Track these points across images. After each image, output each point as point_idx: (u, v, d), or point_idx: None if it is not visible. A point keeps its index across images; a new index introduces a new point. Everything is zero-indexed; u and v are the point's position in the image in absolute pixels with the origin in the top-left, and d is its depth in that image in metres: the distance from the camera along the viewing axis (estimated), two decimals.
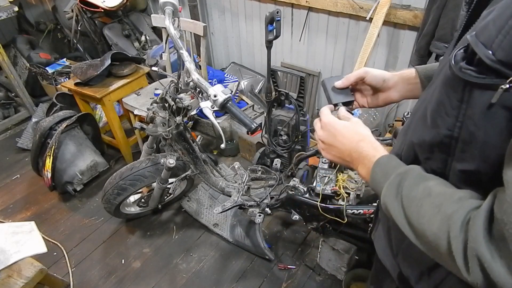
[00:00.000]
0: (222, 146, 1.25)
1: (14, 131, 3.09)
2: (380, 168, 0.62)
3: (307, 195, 1.53)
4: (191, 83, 1.31)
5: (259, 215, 1.72)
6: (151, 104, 1.62)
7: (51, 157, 2.21)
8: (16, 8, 2.76)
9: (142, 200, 2.09)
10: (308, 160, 1.90)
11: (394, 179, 0.58)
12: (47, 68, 3.05)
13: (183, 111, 1.54)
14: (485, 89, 0.44)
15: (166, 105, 1.55)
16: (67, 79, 2.94)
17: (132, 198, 2.16)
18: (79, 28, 3.07)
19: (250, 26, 2.86)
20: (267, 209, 1.72)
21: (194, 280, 1.89)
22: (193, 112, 2.19)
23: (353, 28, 2.25)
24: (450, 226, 0.46)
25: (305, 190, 1.54)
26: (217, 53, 3.36)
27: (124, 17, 3.21)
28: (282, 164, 1.86)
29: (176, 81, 1.49)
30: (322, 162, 1.48)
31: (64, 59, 3.23)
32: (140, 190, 1.97)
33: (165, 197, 2.16)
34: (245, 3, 2.74)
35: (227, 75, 3.00)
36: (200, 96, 1.32)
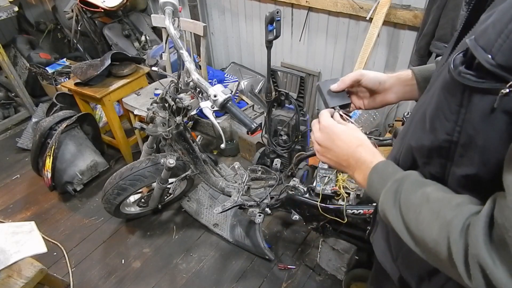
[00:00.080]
0: (222, 146, 1.25)
1: (14, 131, 3.09)
2: (377, 174, 0.62)
3: (307, 195, 1.53)
4: (191, 83, 1.31)
5: (259, 215, 1.72)
6: (151, 104, 1.62)
7: (51, 157, 2.21)
8: (16, 8, 2.76)
9: (142, 200, 2.09)
10: (308, 160, 1.90)
11: (391, 186, 0.58)
12: (47, 68, 3.05)
13: (183, 111, 1.54)
14: (484, 94, 0.43)
15: (166, 105, 1.55)
16: (67, 79, 2.94)
17: (132, 198, 2.16)
18: (79, 28, 3.08)
19: (250, 26, 2.86)
20: (267, 209, 1.72)
21: (194, 280, 1.89)
22: (193, 112, 2.19)
23: (353, 28, 2.25)
24: (450, 232, 0.46)
25: (305, 190, 1.54)
26: (217, 53, 3.36)
27: (124, 17, 3.21)
28: (282, 164, 1.86)
29: (176, 81, 1.49)
30: (322, 162, 1.48)
31: (64, 59, 3.23)
32: (140, 190, 1.97)
33: (165, 197, 2.16)
34: (245, 3, 2.74)
35: (227, 75, 3.00)
36: (200, 96, 1.32)
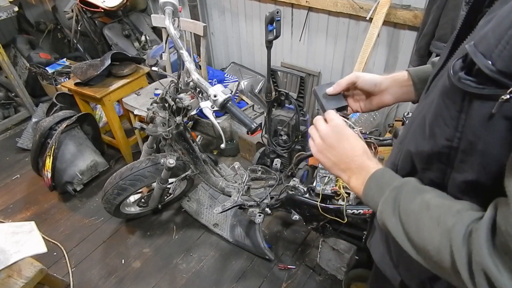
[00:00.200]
0: (222, 146, 1.25)
1: (14, 131, 3.09)
2: (375, 182, 0.62)
3: (307, 195, 1.53)
4: (191, 83, 1.31)
5: (259, 215, 1.72)
6: (151, 104, 1.62)
7: (51, 157, 2.21)
8: (16, 8, 2.76)
9: (142, 200, 2.09)
10: (308, 160, 1.90)
11: (389, 194, 0.57)
12: (47, 68, 3.05)
13: (183, 111, 1.54)
14: (485, 100, 0.43)
15: (166, 105, 1.55)
16: (67, 79, 2.95)
17: (132, 198, 2.16)
18: (79, 28, 3.08)
19: (250, 26, 2.86)
20: (267, 209, 1.72)
21: (194, 280, 1.89)
22: (193, 112, 2.19)
23: (353, 28, 2.25)
24: (452, 240, 0.46)
25: (305, 190, 1.54)
26: (217, 53, 3.36)
27: (124, 17, 3.21)
28: (282, 164, 1.86)
29: (176, 81, 1.49)
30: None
31: (64, 59, 3.23)
32: (140, 190, 1.96)
33: (165, 197, 2.16)
34: (245, 3, 2.74)
35: (227, 75, 3.00)
36: (200, 96, 1.32)
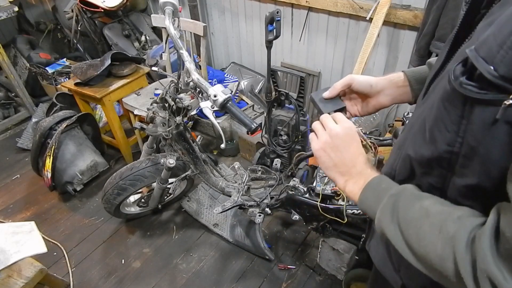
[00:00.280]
0: (222, 146, 1.25)
1: (14, 131, 3.09)
2: (371, 190, 0.61)
3: (307, 195, 1.53)
4: (191, 83, 1.31)
5: (259, 215, 1.72)
6: (151, 104, 1.62)
7: (51, 157, 2.21)
8: (16, 8, 2.76)
9: (142, 200, 2.09)
10: (308, 160, 1.90)
11: (387, 201, 0.57)
12: (47, 68, 3.05)
13: (183, 111, 1.53)
14: (487, 105, 0.43)
15: (166, 105, 1.55)
16: (67, 79, 2.94)
17: (132, 198, 2.16)
18: (79, 28, 3.07)
19: (250, 26, 2.86)
20: (267, 209, 1.72)
21: (194, 280, 1.89)
22: (193, 112, 2.19)
23: (353, 28, 2.25)
24: (455, 247, 0.45)
25: (305, 190, 1.54)
26: (217, 53, 3.36)
27: (124, 17, 3.21)
28: (282, 164, 1.86)
29: (176, 81, 1.49)
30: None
31: (64, 59, 3.23)
32: (140, 190, 1.96)
33: (165, 197, 2.16)
34: (245, 3, 2.74)
35: (227, 75, 3.00)
36: (200, 96, 1.32)
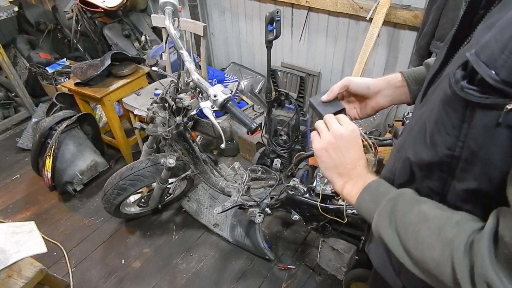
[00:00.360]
0: (222, 146, 1.25)
1: (14, 131, 3.09)
2: (369, 194, 0.61)
3: (307, 195, 1.53)
4: (191, 83, 1.31)
5: (259, 215, 1.72)
6: (151, 104, 1.62)
7: (51, 157, 2.21)
8: (16, 8, 2.76)
9: (142, 200, 2.09)
10: (308, 160, 1.90)
11: (385, 206, 0.57)
12: (47, 68, 3.05)
13: (183, 111, 1.53)
14: (488, 109, 0.42)
15: (166, 105, 1.55)
16: (67, 79, 2.94)
17: (132, 198, 2.16)
18: (79, 28, 3.08)
19: (250, 26, 2.86)
20: (267, 209, 1.72)
21: (194, 280, 1.89)
22: (193, 112, 2.18)
23: (353, 28, 2.25)
24: (453, 251, 0.45)
25: (305, 190, 1.54)
26: (217, 53, 3.36)
27: (124, 17, 3.21)
28: (282, 164, 1.86)
29: (176, 81, 1.49)
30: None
31: (64, 59, 3.23)
32: (140, 190, 1.96)
33: (165, 197, 2.16)
34: (245, 3, 2.74)
35: (227, 75, 3.00)
36: (200, 96, 1.32)
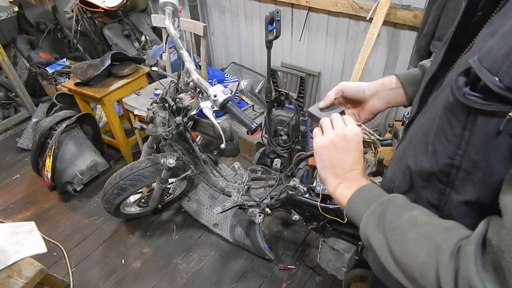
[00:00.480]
0: (222, 146, 1.25)
1: (14, 131, 3.09)
2: (361, 197, 0.61)
3: (307, 195, 1.53)
4: (191, 83, 1.31)
5: (259, 215, 1.72)
6: (151, 104, 1.62)
7: (51, 157, 2.21)
8: (16, 8, 2.76)
9: (142, 200, 2.09)
10: (308, 160, 1.90)
11: (375, 208, 0.57)
12: (47, 68, 3.05)
13: (183, 111, 1.53)
14: (490, 116, 0.42)
15: (166, 105, 1.55)
16: (67, 79, 2.94)
17: (132, 198, 2.16)
18: (79, 28, 3.08)
19: (250, 26, 2.86)
20: (267, 209, 1.72)
21: (194, 280, 1.89)
22: (193, 112, 2.19)
23: (353, 28, 2.25)
24: (439, 255, 0.45)
25: (305, 190, 1.54)
26: (217, 53, 3.36)
27: (124, 17, 3.21)
28: (282, 164, 1.86)
29: (176, 81, 1.49)
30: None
31: (64, 59, 3.23)
32: (140, 190, 1.96)
33: (165, 197, 2.16)
34: (245, 3, 2.74)
35: (227, 75, 3.00)
36: (200, 96, 1.32)
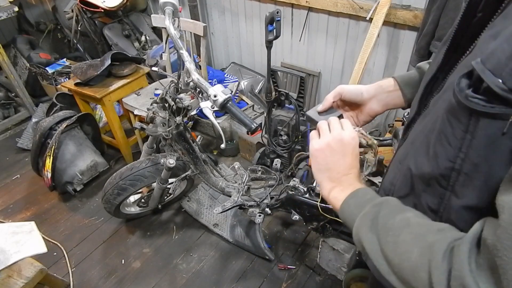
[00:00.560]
0: (222, 146, 1.25)
1: (14, 131, 3.09)
2: (355, 199, 0.61)
3: (307, 195, 1.53)
4: (191, 83, 1.31)
5: (259, 215, 1.72)
6: (151, 104, 1.62)
7: (51, 157, 2.21)
8: (16, 8, 2.76)
9: (142, 200, 2.09)
10: (308, 160, 1.90)
11: (369, 211, 0.57)
12: (47, 68, 3.05)
13: (183, 111, 1.54)
14: (493, 119, 0.42)
15: (166, 105, 1.55)
16: (67, 79, 2.94)
17: (132, 198, 2.16)
18: (79, 28, 3.08)
19: (250, 26, 2.86)
20: (267, 209, 1.72)
21: (194, 280, 1.89)
22: (193, 112, 2.18)
23: (353, 28, 2.25)
24: (432, 255, 0.45)
25: (305, 190, 1.54)
26: (217, 53, 3.36)
27: (124, 17, 3.21)
28: (282, 164, 1.86)
29: (176, 81, 1.49)
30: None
31: (64, 59, 3.23)
32: (140, 190, 1.96)
33: (165, 197, 2.16)
34: (245, 3, 2.74)
35: (227, 75, 3.00)
36: (200, 96, 1.32)
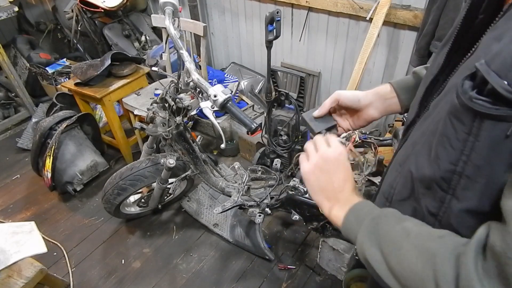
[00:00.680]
0: (222, 146, 1.25)
1: (14, 131, 3.09)
2: (354, 214, 0.61)
3: (307, 195, 1.53)
4: (191, 83, 1.31)
5: (259, 215, 1.72)
6: (151, 104, 1.62)
7: (51, 157, 2.21)
8: (16, 8, 2.76)
9: (142, 200, 2.09)
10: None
11: (368, 225, 0.57)
12: (47, 68, 3.05)
13: (183, 111, 1.54)
14: (497, 121, 0.41)
15: (166, 105, 1.55)
16: (67, 79, 2.94)
17: (132, 198, 2.16)
18: (79, 28, 3.08)
19: (250, 26, 2.86)
20: (267, 209, 1.72)
21: (194, 280, 1.89)
22: (193, 112, 2.19)
23: (353, 28, 2.25)
24: (436, 265, 0.44)
25: (305, 190, 1.54)
26: (217, 53, 3.36)
27: (124, 17, 3.21)
28: (282, 164, 1.86)
29: (176, 81, 1.49)
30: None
31: (64, 59, 3.23)
32: (140, 190, 1.96)
33: (165, 197, 2.16)
34: (245, 3, 2.74)
35: (227, 75, 3.00)
36: (200, 96, 1.32)
